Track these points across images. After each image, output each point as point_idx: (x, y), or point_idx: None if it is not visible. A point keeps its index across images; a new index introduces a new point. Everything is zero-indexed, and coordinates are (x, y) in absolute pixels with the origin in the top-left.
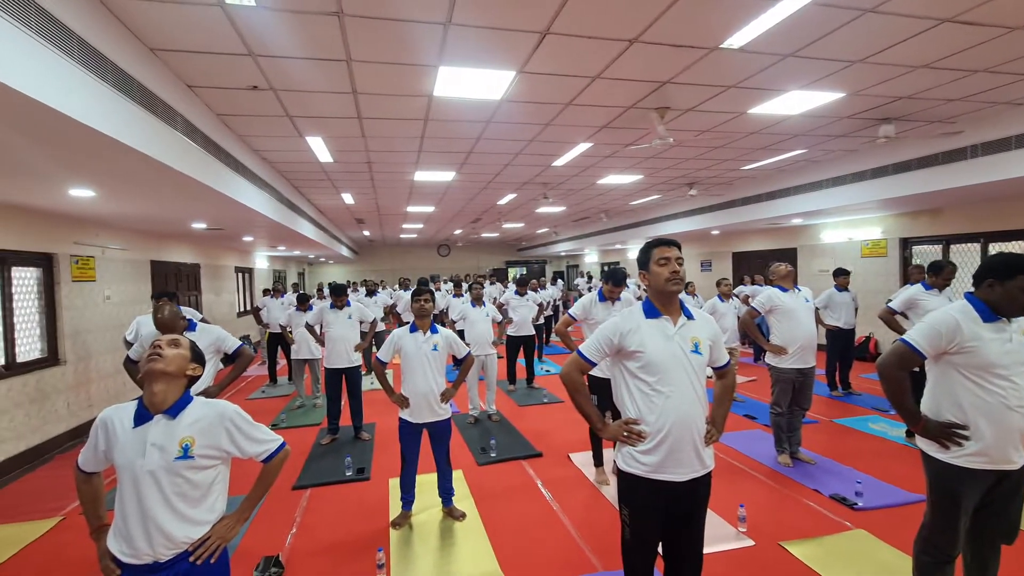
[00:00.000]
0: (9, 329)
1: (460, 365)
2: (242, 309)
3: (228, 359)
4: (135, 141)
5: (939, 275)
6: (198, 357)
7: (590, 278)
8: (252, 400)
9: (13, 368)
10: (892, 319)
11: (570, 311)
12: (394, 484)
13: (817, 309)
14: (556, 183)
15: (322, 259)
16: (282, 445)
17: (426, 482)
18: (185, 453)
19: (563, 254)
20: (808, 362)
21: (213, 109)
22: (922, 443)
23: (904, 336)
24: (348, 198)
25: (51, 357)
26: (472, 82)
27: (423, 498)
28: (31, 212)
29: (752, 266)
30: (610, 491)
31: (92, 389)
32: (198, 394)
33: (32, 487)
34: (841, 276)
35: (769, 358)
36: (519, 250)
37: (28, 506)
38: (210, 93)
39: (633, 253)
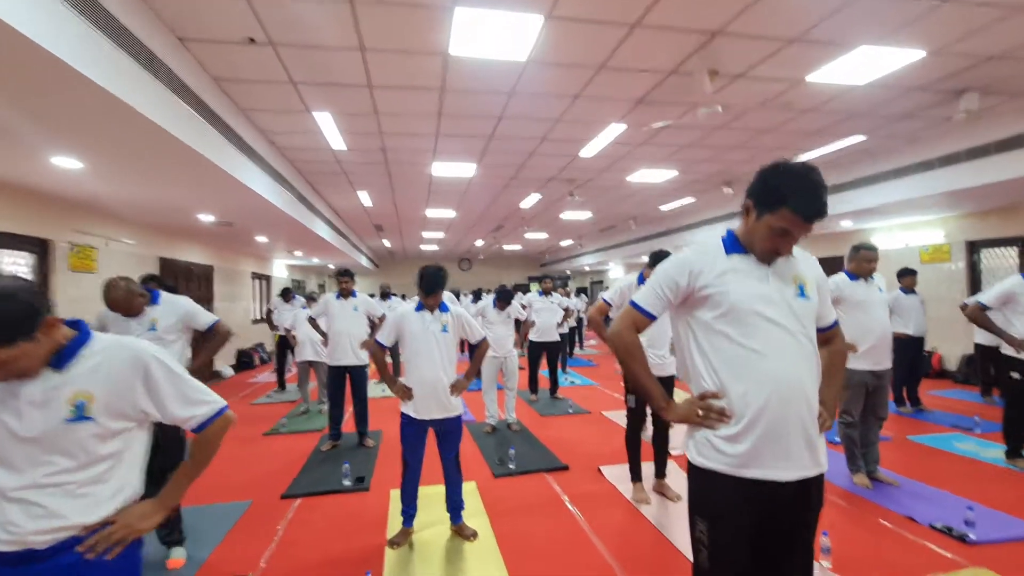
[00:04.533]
0: None
1: (473, 353)
2: (258, 316)
3: (205, 342)
4: (105, 79)
5: None
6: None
7: None
8: (257, 405)
9: None
10: (982, 316)
11: (604, 295)
12: (396, 496)
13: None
14: (583, 180)
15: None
16: (222, 410)
17: (432, 495)
18: (80, 413)
19: (587, 268)
20: (883, 363)
21: (208, 70)
22: None
23: None
24: (365, 198)
25: None
26: (493, 35)
27: (427, 513)
28: (25, 192)
29: None
30: (651, 511)
31: None
32: None
33: None
34: (907, 276)
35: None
36: (542, 265)
37: None
38: (203, 49)
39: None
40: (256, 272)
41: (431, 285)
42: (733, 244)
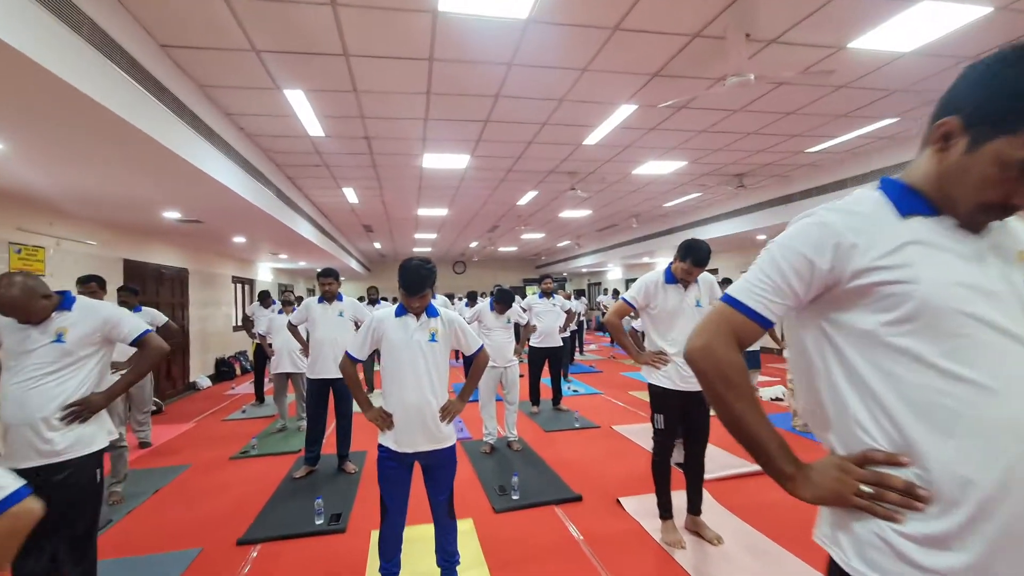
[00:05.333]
0: None
1: (469, 367)
2: (239, 324)
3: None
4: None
5: None
6: None
7: (616, 294)
8: (229, 422)
9: None
10: None
11: (625, 295)
12: (377, 539)
13: None
14: (585, 172)
15: None
16: None
17: (419, 537)
18: None
19: (584, 270)
20: None
21: (155, 36)
22: None
23: None
24: (351, 195)
25: None
26: None
27: (414, 563)
28: None
29: None
30: (687, 558)
31: None
32: (70, 405)
33: None
34: None
35: None
36: (538, 267)
37: None
38: (144, 7)
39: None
40: (238, 276)
41: (414, 283)
42: (911, 199)
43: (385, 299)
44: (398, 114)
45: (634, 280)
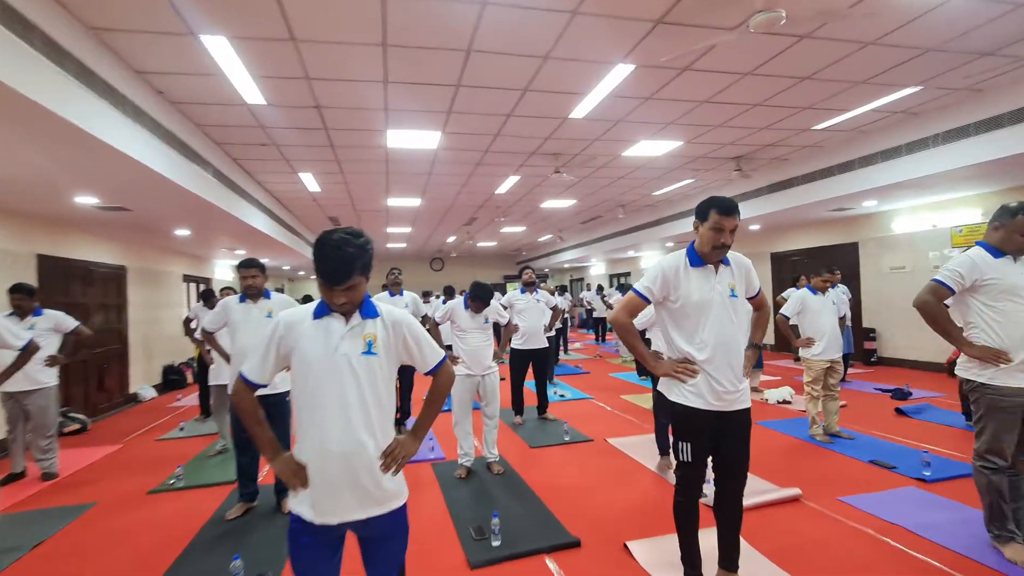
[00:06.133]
0: None
1: (431, 388)
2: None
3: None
4: None
5: None
6: None
7: (600, 289)
8: (165, 441)
9: None
10: None
11: (637, 285)
12: None
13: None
14: (571, 154)
15: (301, 272)
16: None
17: None
18: None
19: (566, 265)
20: None
21: None
22: None
23: None
24: (311, 182)
25: None
26: None
27: None
28: None
29: (797, 269)
30: None
31: None
32: None
33: None
34: None
35: (971, 369)
36: (519, 263)
37: None
38: None
39: (647, 261)
40: (190, 274)
41: (337, 267)
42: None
43: None
44: (351, 74)
45: (620, 276)
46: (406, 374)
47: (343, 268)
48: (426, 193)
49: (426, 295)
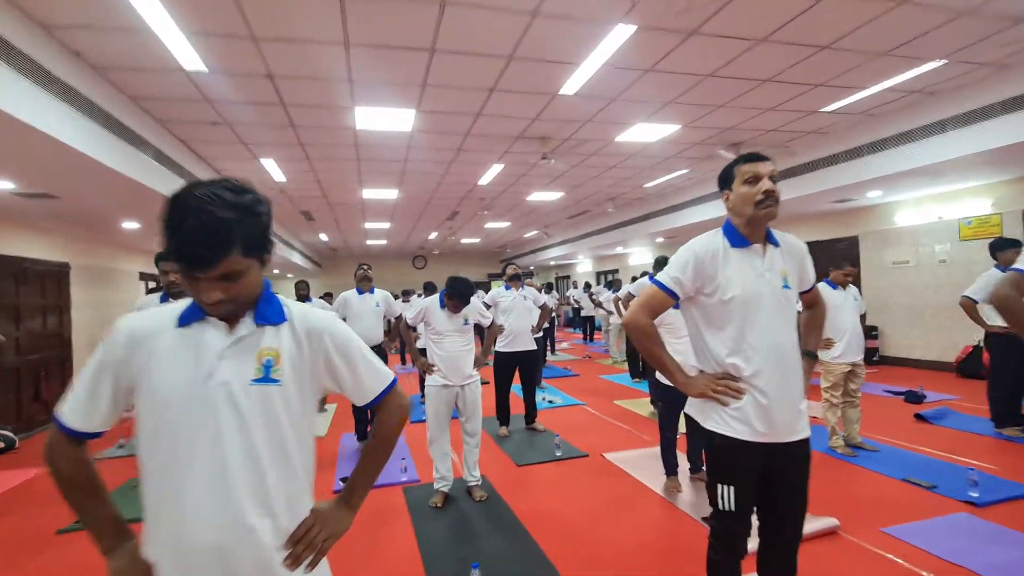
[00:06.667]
0: None
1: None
2: None
3: None
4: None
5: None
6: None
7: (588, 287)
8: (100, 460)
9: None
10: None
11: (661, 277)
12: None
13: (975, 303)
14: (561, 138)
15: (275, 270)
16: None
17: None
18: None
19: (552, 263)
20: None
21: None
22: None
23: None
24: (274, 170)
25: None
26: None
27: None
28: None
29: None
30: None
31: None
32: None
33: None
34: (1008, 250)
35: None
36: (503, 260)
37: None
38: None
39: (636, 258)
40: (149, 272)
41: (202, 238)
42: None
43: (327, 296)
44: (304, 33)
45: (607, 273)
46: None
47: (210, 241)
48: (403, 184)
49: (406, 294)
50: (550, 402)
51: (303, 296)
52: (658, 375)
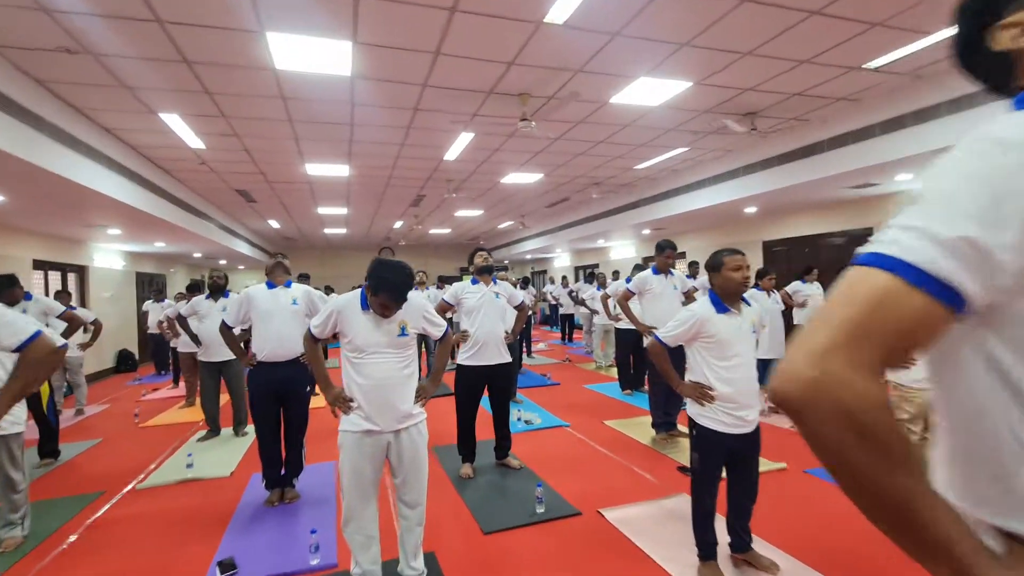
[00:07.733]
0: None
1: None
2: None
3: None
4: None
5: None
6: None
7: (565, 282)
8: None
9: None
10: None
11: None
12: None
13: None
14: (544, 95)
15: (222, 260)
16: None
17: None
18: None
19: (528, 256)
20: None
21: None
22: None
23: None
24: (184, 131)
25: None
26: None
27: None
28: None
29: (792, 260)
30: None
31: None
32: None
33: None
34: None
35: None
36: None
37: None
38: None
39: (617, 252)
40: (51, 260)
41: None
42: None
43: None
44: None
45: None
46: (297, 401)
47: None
48: (354, 156)
49: (328, 290)
50: (527, 423)
51: (219, 287)
52: (696, 411)
